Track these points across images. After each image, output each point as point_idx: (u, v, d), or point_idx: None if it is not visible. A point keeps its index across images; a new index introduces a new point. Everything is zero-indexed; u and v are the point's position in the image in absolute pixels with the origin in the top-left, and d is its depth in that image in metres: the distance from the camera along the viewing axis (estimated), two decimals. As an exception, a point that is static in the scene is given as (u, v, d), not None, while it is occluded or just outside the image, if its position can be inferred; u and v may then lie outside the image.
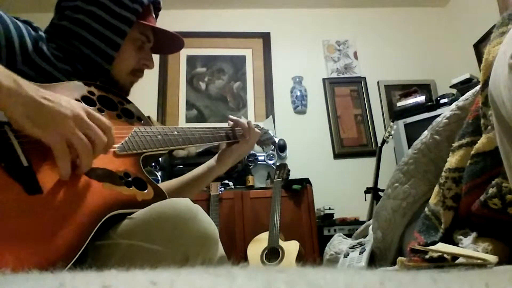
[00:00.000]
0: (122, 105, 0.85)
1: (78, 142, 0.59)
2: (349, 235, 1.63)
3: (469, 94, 1.04)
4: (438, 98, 2.70)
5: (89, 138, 0.61)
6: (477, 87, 0.94)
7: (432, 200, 0.96)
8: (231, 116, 1.09)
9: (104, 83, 0.85)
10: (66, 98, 0.60)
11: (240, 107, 3.15)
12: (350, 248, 1.31)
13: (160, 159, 2.43)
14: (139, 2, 0.85)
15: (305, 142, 3.05)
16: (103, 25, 0.82)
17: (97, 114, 0.64)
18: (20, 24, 0.76)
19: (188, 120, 3.07)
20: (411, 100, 2.87)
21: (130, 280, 0.22)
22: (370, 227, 1.32)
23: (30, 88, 0.55)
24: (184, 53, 3.23)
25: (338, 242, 1.44)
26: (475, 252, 0.74)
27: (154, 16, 0.93)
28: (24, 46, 0.74)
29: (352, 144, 3.11)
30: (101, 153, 0.64)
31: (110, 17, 0.82)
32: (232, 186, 2.51)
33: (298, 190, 2.42)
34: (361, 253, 1.22)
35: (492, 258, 0.68)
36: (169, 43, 0.97)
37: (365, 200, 2.52)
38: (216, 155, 1.06)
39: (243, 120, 1.07)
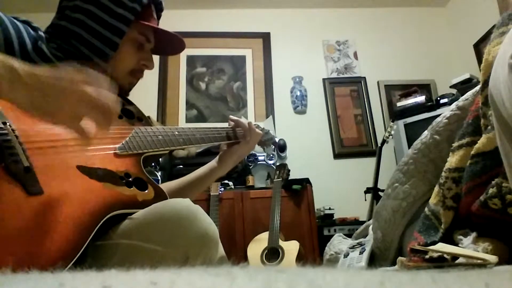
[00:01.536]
0: (123, 106, 0.85)
1: (89, 115, 0.57)
2: (349, 235, 1.63)
3: (469, 94, 1.04)
4: (438, 98, 2.70)
5: (98, 106, 0.59)
6: (477, 87, 0.94)
7: (432, 200, 0.96)
8: (232, 117, 1.08)
9: None
10: (67, 76, 0.57)
11: (240, 107, 3.15)
12: (350, 248, 1.31)
13: (160, 159, 2.43)
14: (138, 2, 0.84)
15: (305, 142, 3.05)
16: (101, 24, 0.81)
17: (99, 81, 0.61)
18: (19, 24, 0.76)
19: (188, 120, 3.07)
20: (411, 100, 2.87)
21: (130, 280, 0.22)
22: (370, 227, 1.32)
23: (29, 72, 0.54)
24: (184, 53, 3.22)
25: (338, 242, 1.44)
26: (475, 252, 0.74)
27: (155, 17, 0.93)
28: (24, 46, 0.74)
29: (352, 144, 3.11)
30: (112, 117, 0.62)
31: (108, 16, 0.81)
32: (232, 186, 2.51)
33: (298, 190, 2.42)
34: (361, 253, 1.22)
35: (492, 258, 0.68)
36: (170, 44, 0.96)
37: (365, 200, 2.53)
38: (217, 157, 1.06)
39: (243, 120, 1.07)
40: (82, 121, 0.57)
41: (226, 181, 2.49)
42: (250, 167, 2.72)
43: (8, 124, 0.58)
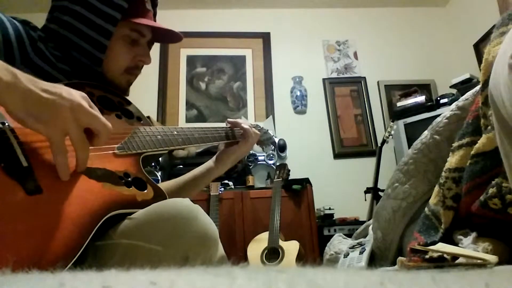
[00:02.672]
0: (122, 106, 0.85)
1: (74, 134, 0.58)
2: (349, 235, 1.63)
3: (469, 94, 1.04)
4: (438, 98, 2.70)
5: (92, 128, 0.60)
6: (477, 87, 0.94)
7: (432, 200, 0.96)
8: (229, 119, 1.07)
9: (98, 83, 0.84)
10: (67, 89, 0.59)
11: (240, 107, 3.15)
12: (350, 248, 1.31)
13: (160, 159, 2.43)
14: None
15: (305, 142, 3.05)
16: (88, 26, 0.79)
17: (97, 111, 0.63)
18: (18, 24, 0.75)
19: (188, 120, 3.08)
20: (411, 100, 2.88)
21: (130, 280, 0.22)
22: (370, 227, 1.32)
23: (29, 81, 0.55)
24: (184, 53, 3.23)
25: (338, 242, 1.44)
26: (475, 252, 0.74)
27: (150, 7, 0.89)
28: (23, 46, 0.74)
29: (352, 144, 3.11)
30: (102, 145, 0.63)
31: (95, 17, 0.79)
32: (232, 186, 2.51)
33: (298, 190, 2.42)
34: (361, 253, 1.22)
35: (492, 258, 0.68)
36: (167, 35, 0.94)
37: (365, 200, 2.53)
38: (215, 156, 1.05)
39: (241, 120, 1.06)
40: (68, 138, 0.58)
41: (226, 181, 2.49)
42: (250, 167, 2.72)
43: (7, 124, 0.58)
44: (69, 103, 0.57)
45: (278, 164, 2.60)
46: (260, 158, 2.76)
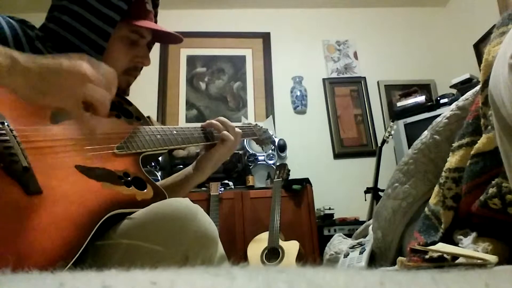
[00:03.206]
0: (121, 105, 0.85)
1: (92, 95, 0.59)
2: (349, 235, 1.63)
3: (469, 94, 1.04)
4: (438, 98, 2.70)
5: (99, 81, 0.61)
6: (477, 87, 0.94)
7: (432, 200, 0.96)
8: (203, 124, 1.00)
9: None
10: (67, 56, 0.59)
11: (240, 107, 3.15)
12: (350, 248, 1.31)
13: (160, 159, 2.43)
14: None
15: (305, 142, 3.05)
16: (87, 27, 0.78)
17: (99, 63, 0.64)
18: (14, 23, 0.75)
19: (188, 120, 3.07)
20: (411, 100, 2.87)
21: (130, 280, 0.22)
22: (370, 227, 1.32)
23: (28, 60, 0.56)
24: (184, 53, 3.23)
25: (338, 242, 1.44)
26: (475, 252, 0.74)
27: (151, 7, 0.88)
28: (20, 46, 0.74)
29: (352, 144, 3.11)
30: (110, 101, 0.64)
31: (94, 17, 0.78)
32: (232, 186, 2.51)
33: (298, 190, 2.42)
34: (361, 253, 1.22)
35: (492, 258, 0.68)
36: (167, 36, 0.94)
37: (365, 200, 2.53)
38: (194, 163, 0.99)
39: (216, 123, 0.99)
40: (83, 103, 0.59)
41: (226, 181, 2.49)
42: (250, 167, 2.72)
43: (6, 124, 0.59)
44: (73, 70, 0.58)
45: (278, 164, 2.60)
46: (260, 158, 2.76)
